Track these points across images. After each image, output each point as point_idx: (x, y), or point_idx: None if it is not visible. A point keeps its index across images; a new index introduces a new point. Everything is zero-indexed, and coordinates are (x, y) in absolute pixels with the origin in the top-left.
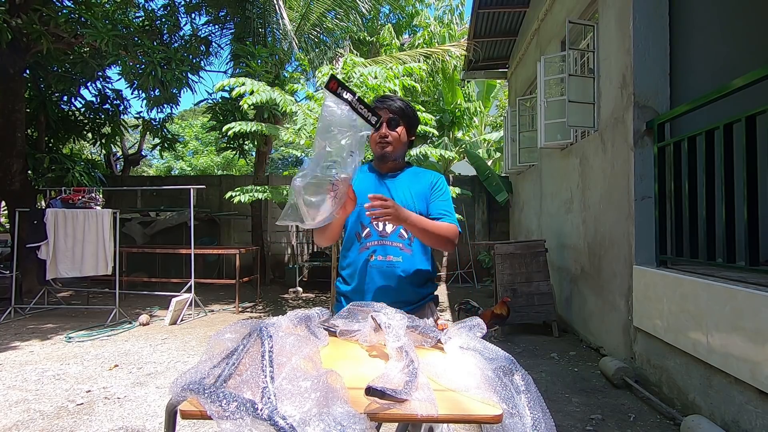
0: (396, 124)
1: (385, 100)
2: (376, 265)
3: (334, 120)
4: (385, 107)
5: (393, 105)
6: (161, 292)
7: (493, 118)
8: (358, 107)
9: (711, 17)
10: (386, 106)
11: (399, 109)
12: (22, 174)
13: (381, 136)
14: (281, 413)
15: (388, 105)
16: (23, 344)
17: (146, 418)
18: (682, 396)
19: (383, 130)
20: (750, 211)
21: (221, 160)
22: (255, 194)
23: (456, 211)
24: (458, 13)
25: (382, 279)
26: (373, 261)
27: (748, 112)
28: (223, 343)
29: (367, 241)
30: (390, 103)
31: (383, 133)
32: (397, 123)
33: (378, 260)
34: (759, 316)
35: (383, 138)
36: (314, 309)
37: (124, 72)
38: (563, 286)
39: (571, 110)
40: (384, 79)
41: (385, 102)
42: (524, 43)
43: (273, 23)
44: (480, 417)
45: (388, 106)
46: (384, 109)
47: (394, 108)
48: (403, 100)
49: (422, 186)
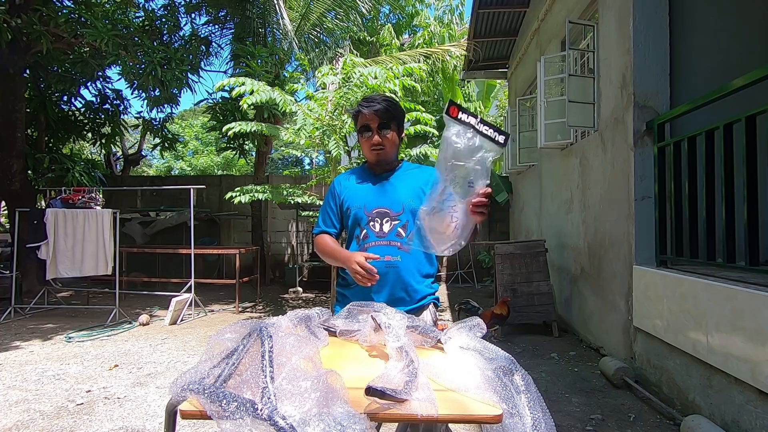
0: (386, 129)
1: (370, 104)
2: (375, 266)
3: (454, 151)
4: (373, 113)
5: (379, 109)
6: (161, 292)
7: (493, 118)
8: (482, 129)
9: (711, 17)
10: (373, 111)
11: (386, 111)
12: (22, 174)
13: (373, 144)
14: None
15: (375, 110)
16: (23, 344)
17: (146, 418)
18: (682, 396)
19: (375, 138)
20: (750, 211)
21: (221, 160)
22: (255, 194)
23: None
24: (458, 13)
25: (381, 279)
26: (371, 262)
27: (748, 112)
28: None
29: (365, 243)
30: (376, 107)
31: (375, 141)
32: (387, 127)
33: (375, 261)
34: (759, 316)
35: (376, 146)
36: (314, 309)
37: (124, 72)
38: (563, 286)
39: (571, 110)
40: (384, 80)
41: (371, 106)
42: (524, 43)
43: (273, 23)
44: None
45: (376, 112)
46: (372, 114)
47: (382, 112)
48: (386, 98)
49: (421, 183)
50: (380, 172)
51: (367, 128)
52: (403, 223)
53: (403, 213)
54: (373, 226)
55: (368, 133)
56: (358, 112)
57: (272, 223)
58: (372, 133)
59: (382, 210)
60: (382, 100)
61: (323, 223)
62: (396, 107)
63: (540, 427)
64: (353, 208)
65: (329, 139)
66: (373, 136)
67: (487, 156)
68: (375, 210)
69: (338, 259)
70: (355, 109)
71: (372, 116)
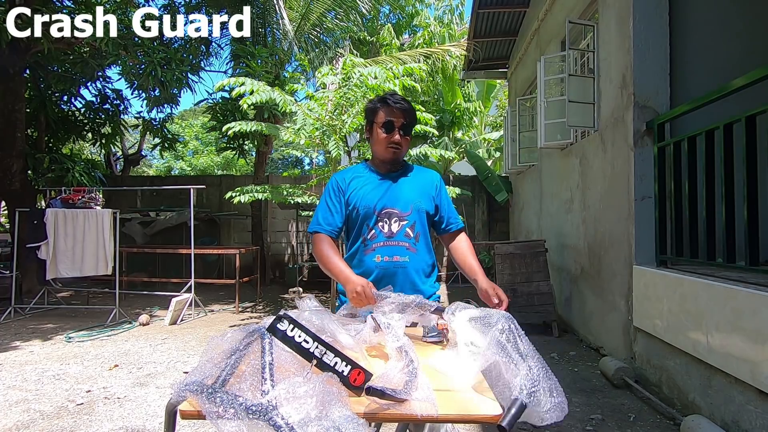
0: (407, 130)
1: (397, 101)
2: (383, 266)
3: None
4: (400, 111)
5: (407, 109)
6: (161, 292)
7: (493, 118)
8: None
9: (711, 17)
10: (401, 110)
11: (411, 112)
12: (22, 174)
13: (394, 142)
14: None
15: (403, 109)
16: (23, 344)
17: (146, 418)
18: (682, 396)
19: (396, 136)
20: (750, 211)
21: (221, 160)
22: (255, 194)
23: (456, 211)
24: (458, 13)
25: (388, 280)
26: (379, 262)
27: (748, 112)
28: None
29: (372, 243)
30: (405, 106)
31: (397, 140)
32: (408, 128)
33: (384, 261)
34: (759, 316)
35: (396, 144)
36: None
37: (124, 72)
38: (563, 286)
39: (571, 110)
40: (384, 80)
41: (399, 104)
42: (524, 43)
43: (273, 23)
44: (480, 417)
45: (403, 111)
46: (399, 112)
47: (408, 112)
48: (406, 99)
49: (427, 185)
50: (385, 171)
51: (390, 124)
52: (411, 223)
53: (411, 213)
54: (381, 227)
55: (390, 128)
56: (382, 103)
57: (272, 223)
58: (394, 129)
59: (390, 210)
60: (406, 100)
61: (324, 221)
62: (415, 113)
63: (543, 374)
64: (361, 208)
65: (329, 139)
66: (395, 133)
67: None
68: (383, 210)
69: (337, 276)
70: (379, 99)
71: (399, 114)
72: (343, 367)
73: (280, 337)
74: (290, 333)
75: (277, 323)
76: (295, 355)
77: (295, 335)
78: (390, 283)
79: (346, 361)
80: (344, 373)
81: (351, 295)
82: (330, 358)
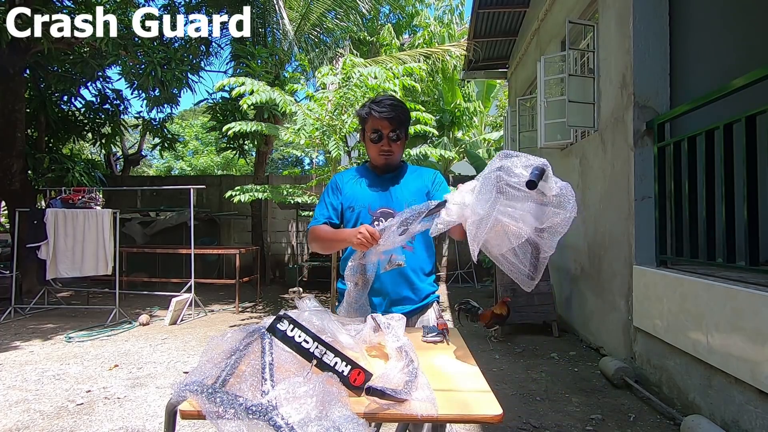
0: (397, 136)
1: (382, 110)
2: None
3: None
4: (386, 120)
5: (393, 117)
6: (161, 292)
7: (493, 118)
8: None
9: (711, 17)
10: (386, 118)
11: (398, 119)
12: (22, 174)
13: (383, 150)
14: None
15: (387, 118)
16: (23, 344)
17: (146, 418)
18: (682, 396)
19: (385, 144)
20: (750, 211)
21: (221, 160)
22: (255, 194)
23: None
24: (458, 13)
25: (386, 279)
26: (376, 261)
27: (748, 112)
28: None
29: None
30: (390, 115)
31: (387, 149)
32: (397, 134)
33: (381, 260)
34: (759, 316)
35: (386, 151)
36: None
37: (124, 72)
38: (563, 286)
39: (571, 110)
40: (384, 80)
41: (383, 113)
42: (524, 43)
43: (273, 23)
44: (480, 417)
45: (389, 119)
46: (384, 121)
47: (394, 121)
48: (397, 103)
49: (423, 183)
50: (383, 173)
51: (377, 133)
52: None
53: None
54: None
55: (378, 138)
56: (368, 114)
57: (272, 223)
58: (383, 139)
59: (386, 210)
60: (392, 105)
61: (321, 216)
62: (405, 112)
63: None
64: (357, 208)
65: (329, 139)
66: (383, 142)
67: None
68: (379, 210)
69: (337, 237)
70: (364, 109)
71: (385, 123)
72: (343, 367)
73: (280, 337)
74: (290, 333)
75: (277, 323)
76: (295, 355)
77: (295, 335)
78: (388, 283)
79: (346, 361)
80: (344, 373)
81: (356, 241)
82: (330, 358)
